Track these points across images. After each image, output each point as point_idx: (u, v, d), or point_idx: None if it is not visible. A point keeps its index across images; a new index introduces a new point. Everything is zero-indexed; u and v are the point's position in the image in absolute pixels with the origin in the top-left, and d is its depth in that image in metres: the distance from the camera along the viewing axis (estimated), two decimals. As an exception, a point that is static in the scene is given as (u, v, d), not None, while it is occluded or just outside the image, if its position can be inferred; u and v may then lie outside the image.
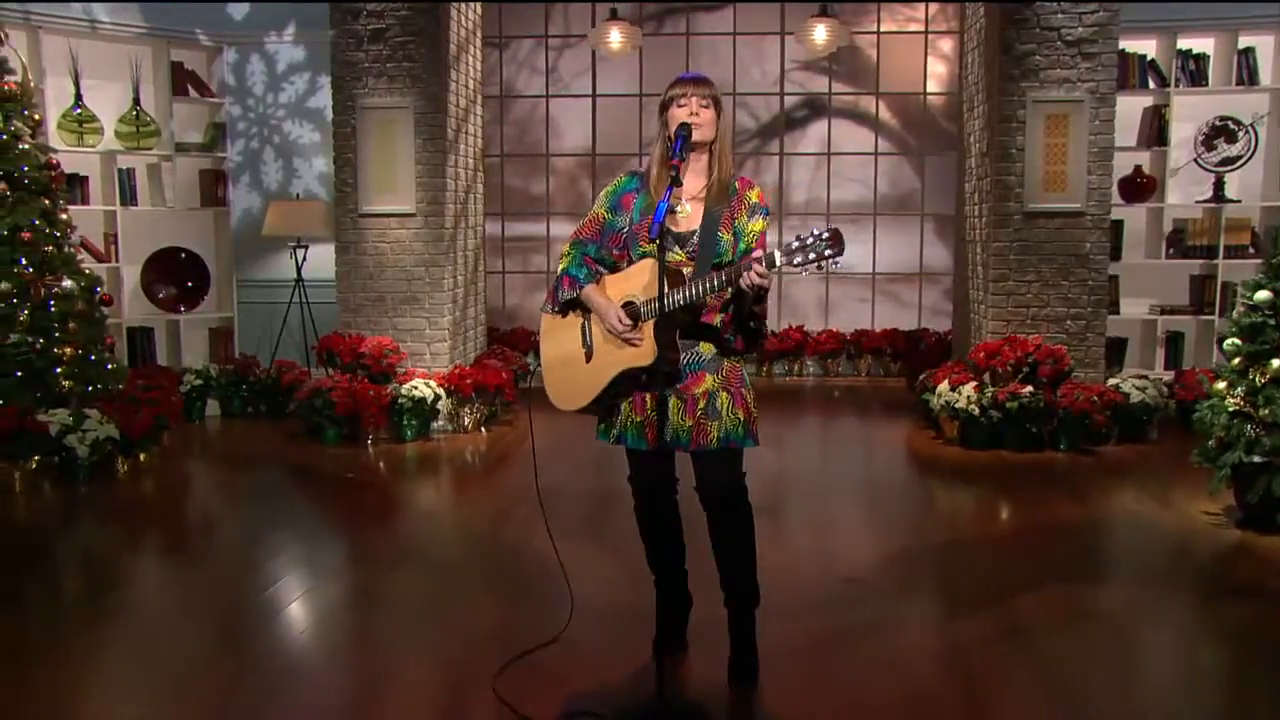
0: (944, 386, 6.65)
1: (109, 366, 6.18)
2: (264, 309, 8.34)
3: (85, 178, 7.54)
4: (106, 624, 3.83)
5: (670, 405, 3.19)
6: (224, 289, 8.30)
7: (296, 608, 3.99)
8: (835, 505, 5.52)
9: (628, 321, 3.12)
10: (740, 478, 3.26)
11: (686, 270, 3.14)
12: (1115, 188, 7.35)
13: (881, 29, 9.55)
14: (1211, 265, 7.71)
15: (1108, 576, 4.44)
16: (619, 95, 9.75)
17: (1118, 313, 7.76)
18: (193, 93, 8.06)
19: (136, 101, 7.70)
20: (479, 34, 7.91)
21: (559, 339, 3.33)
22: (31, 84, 6.28)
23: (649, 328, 3.10)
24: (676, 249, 3.18)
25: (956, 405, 6.49)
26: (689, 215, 3.21)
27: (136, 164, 7.80)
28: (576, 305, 3.29)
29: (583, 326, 3.28)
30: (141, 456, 6.13)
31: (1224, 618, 3.94)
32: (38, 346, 5.75)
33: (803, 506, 5.49)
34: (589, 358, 3.25)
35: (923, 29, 9.53)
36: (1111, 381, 6.89)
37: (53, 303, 5.86)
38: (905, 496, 5.74)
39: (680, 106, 3.18)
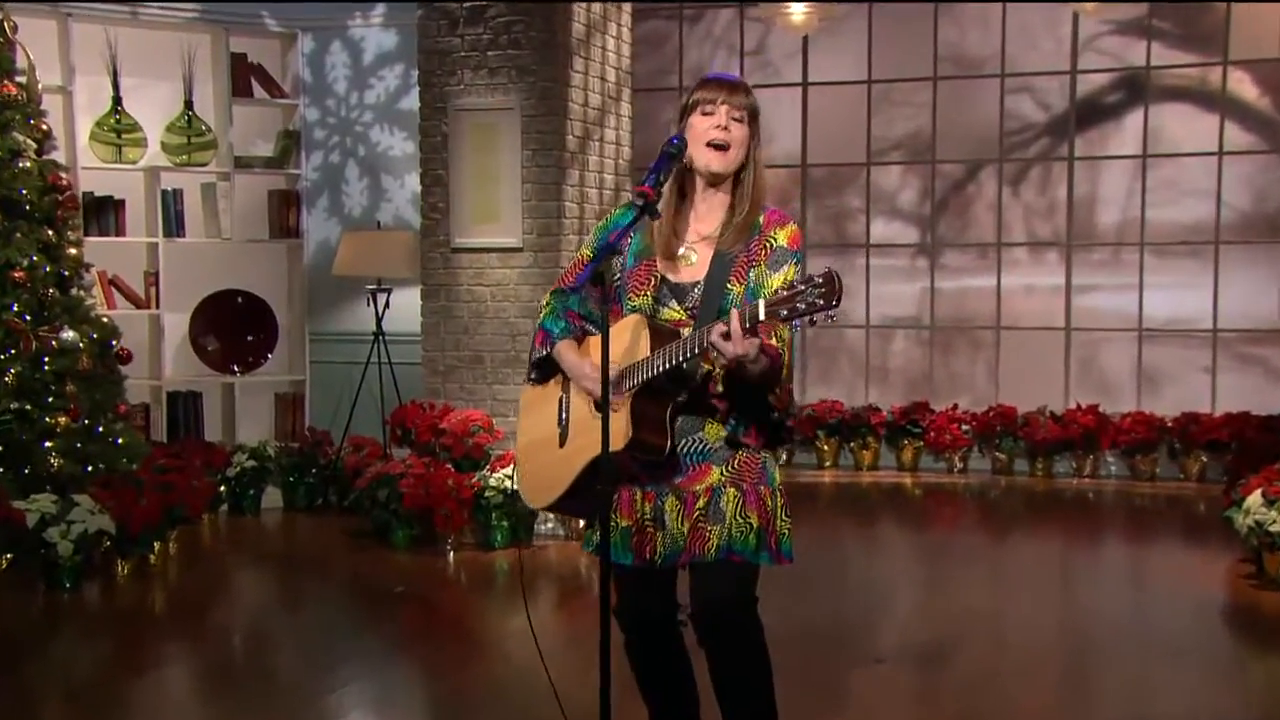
0: (1254, 499, 6.25)
1: (118, 441, 6.80)
2: (343, 370, 8.85)
3: (121, 202, 8.30)
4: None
5: (667, 506, 3.28)
6: (295, 344, 8.92)
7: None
8: (1053, 660, 5.45)
9: None
10: (749, 601, 3.31)
11: (685, 332, 3.25)
12: None
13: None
14: None
15: None
16: (837, 83, 9.86)
17: None
18: (259, 92, 8.75)
19: (189, 105, 8.44)
20: (626, 8, 8.16)
21: (535, 417, 3.53)
22: (39, 85, 7.08)
23: (627, 402, 3.20)
24: (674, 304, 3.32)
25: (1271, 528, 6.10)
26: (694, 264, 3.33)
27: (186, 184, 8.51)
28: (556, 371, 3.45)
29: (560, 401, 3.43)
30: (151, 557, 6.67)
31: None
32: (25, 414, 6.41)
33: (999, 657, 5.46)
34: (563, 441, 3.39)
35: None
36: None
37: (46, 359, 6.52)
38: (1158, 657, 5.45)
39: (705, 115, 3.28)
